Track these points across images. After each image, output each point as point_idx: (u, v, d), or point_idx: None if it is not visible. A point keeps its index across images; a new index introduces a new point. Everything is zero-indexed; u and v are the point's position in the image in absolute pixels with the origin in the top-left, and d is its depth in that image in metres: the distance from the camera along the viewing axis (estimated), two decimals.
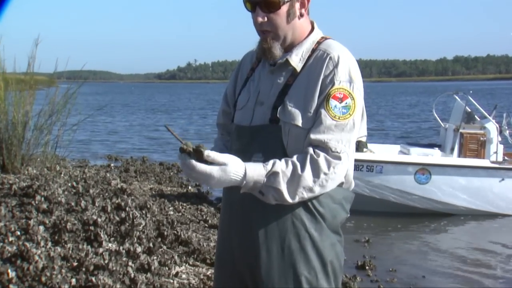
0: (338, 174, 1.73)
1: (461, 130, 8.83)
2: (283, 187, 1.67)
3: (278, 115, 1.78)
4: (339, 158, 1.71)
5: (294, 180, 1.68)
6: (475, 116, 9.09)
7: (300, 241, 1.77)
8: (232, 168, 1.64)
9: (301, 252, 1.77)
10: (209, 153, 1.62)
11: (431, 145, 9.76)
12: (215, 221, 6.11)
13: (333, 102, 1.73)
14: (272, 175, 1.68)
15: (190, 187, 8.62)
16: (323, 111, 1.72)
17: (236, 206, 1.85)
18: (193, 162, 1.62)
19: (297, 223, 1.77)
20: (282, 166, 1.68)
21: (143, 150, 14.76)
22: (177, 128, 20.72)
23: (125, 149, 15.10)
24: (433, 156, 8.64)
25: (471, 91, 10.06)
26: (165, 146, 15.32)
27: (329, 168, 1.70)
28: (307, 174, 1.68)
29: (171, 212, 6.16)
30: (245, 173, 1.66)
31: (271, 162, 1.69)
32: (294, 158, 1.71)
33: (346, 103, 1.73)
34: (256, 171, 1.68)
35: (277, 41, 1.79)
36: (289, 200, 1.69)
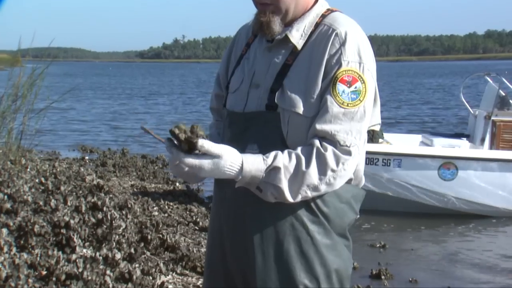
0: (348, 170, 1.74)
1: (493, 118, 8.82)
2: (284, 184, 1.69)
3: (276, 101, 1.78)
4: (349, 153, 1.72)
5: (298, 177, 1.69)
6: (510, 101, 9.07)
7: (300, 245, 1.79)
8: (226, 161, 1.66)
9: (302, 258, 1.79)
10: (203, 144, 1.62)
11: (458, 135, 9.76)
12: (206, 223, 6.13)
13: (340, 87, 1.73)
14: (273, 170, 1.69)
15: (177, 184, 8.65)
16: (329, 97, 1.73)
17: (228, 202, 1.87)
18: (181, 154, 1.64)
19: (298, 225, 1.79)
20: (284, 160, 1.69)
21: (120, 142, 14.78)
22: (155, 118, 20.66)
23: (101, 140, 15.12)
24: (460, 148, 8.66)
25: (505, 72, 10.06)
26: (137, 138, 15.25)
27: (337, 164, 1.71)
28: (313, 170, 1.69)
29: (156, 213, 6.18)
30: (242, 166, 1.68)
31: (272, 154, 1.71)
32: (299, 150, 1.72)
33: (355, 87, 1.74)
34: (255, 164, 1.69)
35: (277, 15, 1.79)
36: (291, 199, 1.71)
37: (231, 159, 1.67)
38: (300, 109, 1.76)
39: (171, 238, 4.83)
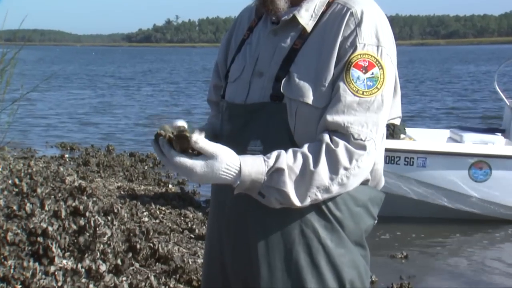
0: (363, 168, 1.75)
1: None
2: (290, 188, 1.69)
3: (282, 90, 1.79)
4: (363, 148, 1.73)
5: (305, 178, 1.70)
6: None
7: (311, 255, 1.79)
8: (221, 163, 1.65)
9: (313, 269, 1.79)
10: (197, 139, 1.62)
11: (491, 130, 9.75)
12: (203, 231, 6.15)
13: (355, 73, 1.74)
14: (276, 173, 1.69)
15: (170, 186, 8.66)
16: (342, 85, 1.74)
17: (228, 207, 1.88)
18: (171, 152, 1.64)
19: (308, 232, 1.80)
20: (288, 160, 1.70)
21: (108, 137, 14.81)
22: (136, 110, 20.66)
23: (84, 136, 15.15)
24: (494, 144, 8.64)
25: None
26: (115, 135, 15.20)
27: (350, 161, 1.71)
28: (322, 169, 1.70)
29: (146, 219, 6.19)
30: (240, 170, 1.67)
31: (274, 154, 1.71)
32: (305, 148, 1.72)
33: (372, 73, 1.75)
34: (254, 167, 1.69)
35: None
36: (298, 203, 1.72)
37: (227, 161, 1.66)
38: (309, 98, 1.76)
39: (163, 247, 4.85)
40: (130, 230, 5.14)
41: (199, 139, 1.62)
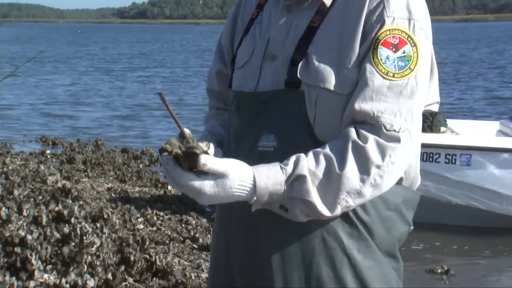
0: (398, 164, 1.75)
1: None
2: (315, 196, 1.70)
3: (298, 75, 1.80)
4: (397, 140, 1.73)
5: (331, 183, 1.70)
6: None
7: (334, 268, 1.80)
8: (234, 181, 1.66)
9: (336, 284, 1.80)
10: (206, 162, 1.64)
11: None
12: (208, 240, 6.17)
13: (383, 52, 1.75)
14: (296, 181, 1.70)
15: (169, 187, 8.69)
16: (368, 66, 1.74)
17: (237, 211, 1.89)
18: (177, 170, 1.66)
19: (330, 241, 1.80)
20: (310, 164, 1.70)
21: (91, 130, 14.85)
22: (118, 101, 20.66)
23: (70, 129, 15.20)
24: None
25: None
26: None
27: (383, 157, 1.72)
28: (351, 171, 1.70)
29: (141, 226, 6.22)
30: (254, 183, 1.69)
31: (291, 160, 1.72)
32: (327, 148, 1.73)
33: (403, 51, 1.75)
34: (271, 177, 1.70)
35: None
36: (327, 213, 1.72)
37: (239, 176, 1.68)
38: (331, 84, 1.77)
39: (161, 259, 4.86)
40: (123, 239, 5.15)
41: (208, 161, 1.64)
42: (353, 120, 1.75)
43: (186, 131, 1.69)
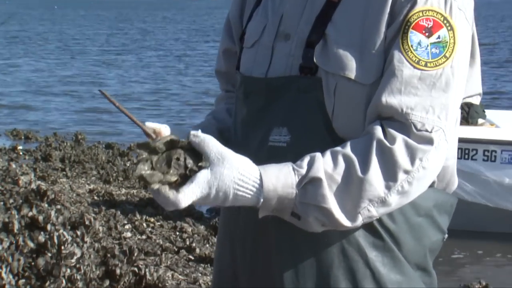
0: (430, 169, 1.75)
1: None
2: (332, 203, 1.69)
3: (315, 59, 1.80)
4: (429, 141, 1.73)
5: (351, 188, 1.70)
6: None
7: (356, 283, 1.81)
8: (232, 170, 1.64)
9: None
10: (197, 134, 1.63)
11: None
12: (206, 250, 6.18)
13: (415, 37, 1.74)
14: (311, 184, 1.70)
15: None
16: (397, 54, 1.74)
17: (244, 217, 1.90)
18: (170, 197, 1.64)
19: (351, 252, 1.81)
20: (326, 166, 1.70)
21: (75, 122, 14.87)
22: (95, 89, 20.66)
23: (45, 121, 15.22)
24: None
25: None
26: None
27: (413, 161, 1.72)
28: (374, 175, 1.70)
29: (128, 234, 6.23)
30: (261, 183, 1.68)
31: (305, 160, 1.71)
32: (347, 148, 1.72)
33: (438, 36, 1.75)
34: (281, 178, 1.69)
35: None
36: (347, 223, 1.72)
37: (241, 167, 1.66)
38: (353, 72, 1.77)
39: (152, 273, 4.87)
40: (107, 250, 5.16)
41: (199, 136, 1.63)
42: (378, 116, 1.75)
43: (150, 126, 1.70)
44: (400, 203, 1.75)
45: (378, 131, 1.72)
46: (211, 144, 1.64)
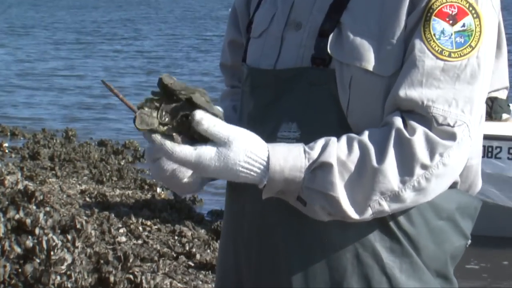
0: (451, 166, 1.74)
1: None
2: (341, 192, 1.69)
3: (329, 50, 1.80)
4: (452, 137, 1.72)
5: (363, 178, 1.70)
6: None
7: None
8: (239, 154, 1.65)
9: None
10: (202, 119, 1.61)
11: None
12: (208, 256, 6.18)
13: (438, 25, 1.74)
14: (320, 170, 1.70)
15: (159, 189, 8.69)
16: (418, 43, 1.74)
17: (249, 220, 1.90)
18: (167, 146, 1.62)
19: (366, 257, 1.81)
20: (340, 152, 1.70)
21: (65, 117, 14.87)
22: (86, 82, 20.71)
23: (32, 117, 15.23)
24: None
25: None
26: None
27: (432, 156, 1.71)
28: (390, 167, 1.70)
29: (123, 238, 6.23)
30: (268, 163, 1.69)
31: (319, 143, 1.71)
32: (365, 135, 1.72)
33: (463, 24, 1.74)
34: (289, 160, 1.69)
35: None
36: (354, 215, 1.72)
37: (247, 150, 1.66)
38: (370, 63, 1.76)
39: (149, 280, 4.87)
40: (100, 255, 5.17)
41: (205, 118, 1.62)
42: (397, 109, 1.74)
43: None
44: (415, 200, 1.74)
45: (398, 121, 1.72)
46: (216, 128, 1.64)
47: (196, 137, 1.65)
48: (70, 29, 39.98)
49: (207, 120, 1.63)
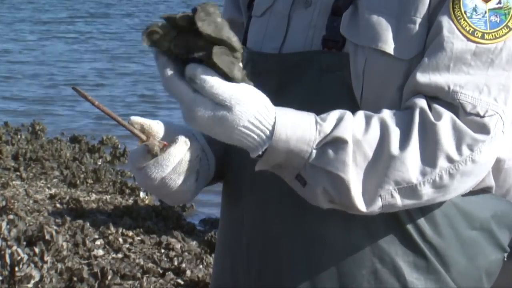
0: (480, 163, 1.75)
1: None
2: (351, 174, 1.69)
3: (342, 30, 1.81)
4: (485, 129, 1.72)
5: (379, 162, 1.70)
6: None
7: None
8: (240, 119, 1.65)
9: None
10: (195, 76, 1.62)
11: None
12: (200, 273, 6.18)
13: (468, 1, 1.74)
14: (332, 145, 1.70)
15: (142, 194, 8.68)
16: (445, 22, 1.74)
17: (249, 229, 1.91)
18: (168, 72, 1.64)
19: (385, 274, 1.82)
20: (357, 129, 1.70)
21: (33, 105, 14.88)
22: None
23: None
24: None
25: None
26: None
27: (459, 148, 1.71)
28: (411, 154, 1.70)
29: (100, 251, 6.23)
30: (272, 129, 1.68)
31: (333, 115, 1.71)
32: (386, 114, 1.72)
33: (499, 1, 1.75)
34: (298, 130, 1.69)
35: None
36: (361, 206, 1.72)
37: (252, 113, 1.66)
38: (388, 44, 1.77)
39: None
40: (73, 271, 5.18)
41: (201, 76, 1.62)
42: (418, 94, 1.74)
43: (136, 122, 1.72)
44: (432, 198, 1.74)
45: (422, 102, 1.72)
46: (217, 90, 1.63)
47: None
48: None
49: (203, 79, 1.63)
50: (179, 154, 1.76)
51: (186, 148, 1.77)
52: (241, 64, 1.65)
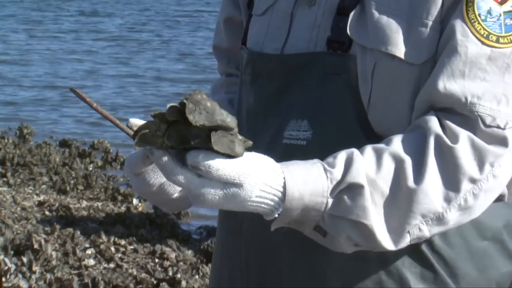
0: (501, 177, 1.75)
1: None
2: (374, 218, 1.69)
3: (348, 31, 1.80)
4: (502, 141, 1.73)
5: (400, 199, 1.70)
6: None
7: None
8: (252, 191, 1.64)
9: None
10: (210, 166, 1.59)
11: None
12: (196, 283, 6.17)
13: (483, 3, 1.74)
14: (348, 192, 1.69)
15: (135, 201, 8.67)
16: (459, 25, 1.74)
17: (246, 239, 1.92)
18: (169, 164, 1.61)
19: (390, 284, 1.83)
20: (369, 168, 1.70)
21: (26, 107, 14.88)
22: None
23: None
24: None
25: None
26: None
27: (481, 167, 1.71)
28: (431, 183, 1.70)
29: (91, 261, 6.22)
30: (284, 191, 1.67)
31: (340, 158, 1.70)
32: (396, 144, 1.72)
33: None
34: (309, 184, 1.68)
35: None
36: (390, 246, 1.73)
37: (261, 181, 1.64)
38: (398, 47, 1.77)
39: None
40: (63, 282, 5.18)
41: (212, 164, 1.59)
42: (432, 106, 1.74)
43: (135, 124, 1.71)
44: (459, 221, 1.74)
45: (435, 124, 1.71)
46: (222, 170, 1.61)
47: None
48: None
49: (207, 165, 1.60)
50: None
51: None
52: (239, 137, 1.63)
